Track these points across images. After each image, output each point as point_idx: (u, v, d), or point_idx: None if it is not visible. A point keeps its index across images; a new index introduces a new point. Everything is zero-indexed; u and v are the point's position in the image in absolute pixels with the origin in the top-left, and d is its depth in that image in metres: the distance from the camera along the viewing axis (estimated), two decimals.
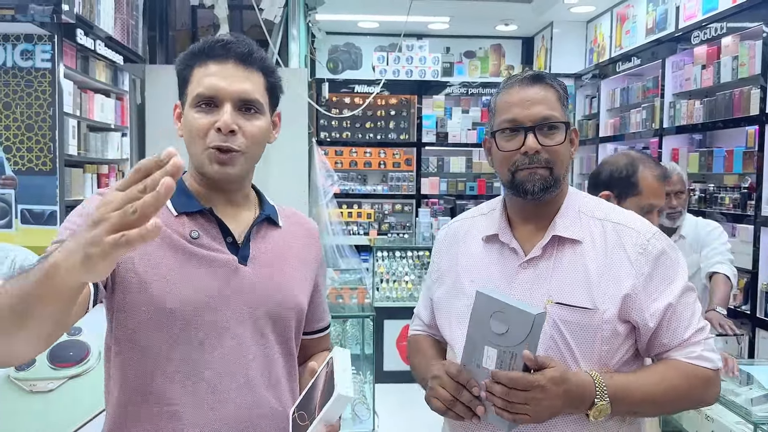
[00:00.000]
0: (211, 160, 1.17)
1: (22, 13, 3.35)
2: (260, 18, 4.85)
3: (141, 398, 1.15)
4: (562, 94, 1.31)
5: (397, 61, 7.23)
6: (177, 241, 1.17)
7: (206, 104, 1.17)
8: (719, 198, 4.43)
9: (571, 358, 1.24)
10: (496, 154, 1.32)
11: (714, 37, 4.49)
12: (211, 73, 1.17)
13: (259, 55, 1.21)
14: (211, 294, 1.17)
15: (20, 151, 3.60)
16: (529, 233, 1.33)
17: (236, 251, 1.21)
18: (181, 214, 1.20)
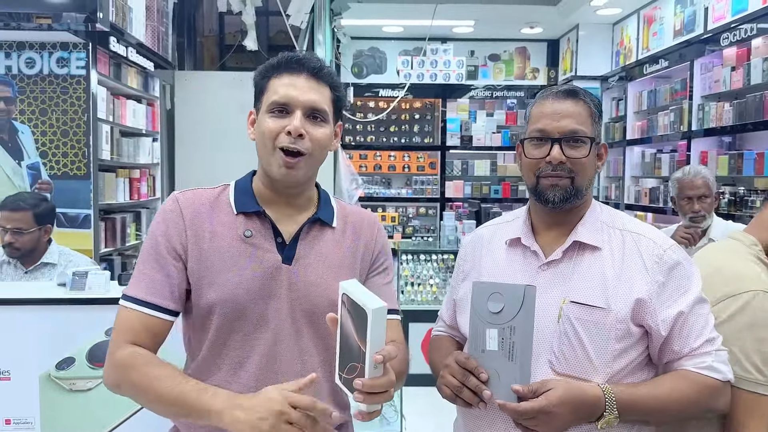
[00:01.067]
0: (279, 163, 1.29)
1: (59, 22, 3.45)
2: (287, 24, 4.91)
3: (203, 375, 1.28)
4: (594, 111, 1.38)
5: (421, 65, 7.26)
6: (231, 240, 1.30)
7: (279, 111, 1.29)
8: (749, 201, 4.37)
9: (584, 356, 1.29)
10: (524, 160, 1.41)
11: (744, 39, 4.43)
12: (285, 84, 1.30)
13: (329, 71, 1.34)
14: (253, 290, 1.28)
15: (56, 156, 3.70)
16: (551, 239, 1.40)
17: (284, 251, 1.31)
18: (239, 214, 1.32)
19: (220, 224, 1.32)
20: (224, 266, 1.28)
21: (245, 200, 1.34)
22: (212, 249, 1.29)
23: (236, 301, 1.27)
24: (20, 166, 3.70)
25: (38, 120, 3.69)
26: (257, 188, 1.36)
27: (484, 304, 1.24)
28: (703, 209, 3.01)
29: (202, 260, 1.29)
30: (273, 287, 1.29)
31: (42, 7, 3.44)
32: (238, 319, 1.28)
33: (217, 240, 1.30)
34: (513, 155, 7.58)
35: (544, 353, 1.31)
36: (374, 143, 7.56)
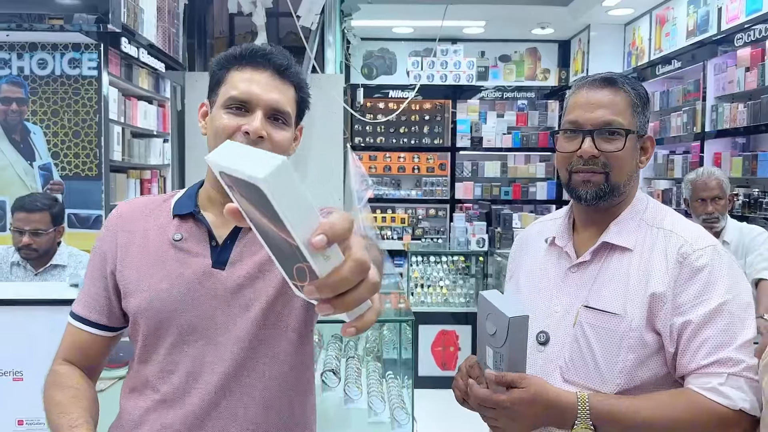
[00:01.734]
0: None
1: (71, 23, 3.46)
2: (297, 25, 4.91)
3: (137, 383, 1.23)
4: (635, 101, 1.28)
5: (431, 65, 7.24)
6: (160, 244, 1.21)
7: (237, 108, 1.18)
8: (764, 203, 4.33)
9: (593, 364, 1.22)
10: (557, 153, 1.32)
11: (758, 39, 4.39)
12: (247, 79, 1.19)
13: (295, 70, 1.24)
14: (178, 297, 1.18)
15: (67, 157, 3.71)
16: (587, 238, 1.33)
17: (216, 255, 1.21)
18: (175, 217, 1.24)
19: (154, 228, 1.23)
20: (149, 272, 1.19)
21: (184, 202, 1.25)
22: (140, 254, 1.21)
23: (159, 308, 1.17)
24: (32, 167, 3.71)
25: (50, 121, 3.70)
26: (204, 191, 1.25)
27: (484, 321, 1.20)
28: (717, 211, 2.99)
29: (129, 266, 1.21)
30: (202, 294, 1.17)
31: (54, 9, 3.45)
32: (163, 329, 1.18)
33: (146, 244, 1.21)
34: (523, 156, 7.56)
35: (556, 359, 1.27)
36: (384, 144, 7.55)
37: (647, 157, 1.32)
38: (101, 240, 1.26)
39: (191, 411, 1.17)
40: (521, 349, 1.15)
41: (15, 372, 2.16)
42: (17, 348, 2.16)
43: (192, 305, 1.18)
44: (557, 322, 1.29)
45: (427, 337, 5.18)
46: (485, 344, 1.20)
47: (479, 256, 5.50)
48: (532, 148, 7.44)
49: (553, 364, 1.26)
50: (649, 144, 1.32)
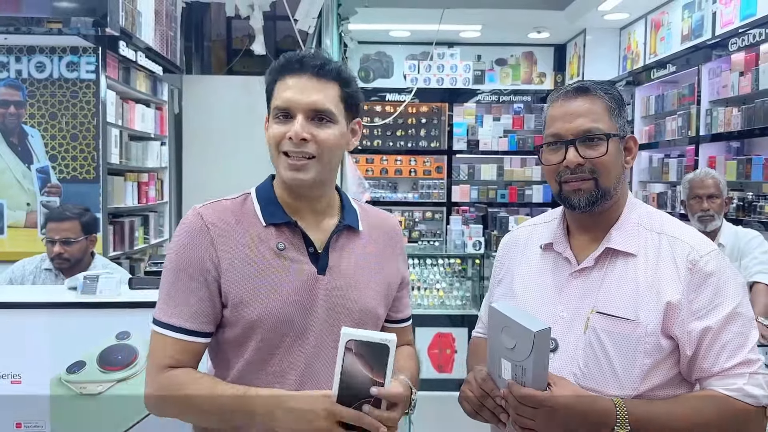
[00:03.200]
0: (285, 167, 1.25)
1: (69, 26, 3.46)
2: (294, 28, 4.92)
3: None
4: (611, 104, 1.30)
5: (428, 69, 7.26)
6: (265, 254, 1.26)
7: (283, 116, 1.26)
8: (758, 206, 4.36)
9: (610, 370, 1.23)
10: (544, 167, 1.35)
11: (752, 44, 4.42)
12: (287, 87, 1.25)
13: (334, 67, 1.28)
14: (293, 304, 1.25)
15: (65, 160, 3.72)
16: (584, 243, 1.34)
17: (317, 261, 1.28)
18: (269, 225, 1.29)
19: (251, 238, 1.27)
20: (260, 283, 1.24)
21: (273, 210, 1.30)
22: (246, 265, 1.25)
23: (279, 318, 1.24)
24: (30, 170, 3.72)
25: (48, 124, 3.71)
26: (281, 196, 1.32)
27: (498, 334, 1.18)
28: (712, 209, 3.02)
29: (237, 279, 1.24)
30: (311, 299, 1.26)
31: (52, 12, 3.45)
32: (280, 336, 1.25)
33: (250, 256, 1.25)
34: (520, 160, 7.59)
35: (569, 366, 1.26)
36: (381, 147, 7.56)
37: (632, 157, 1.34)
38: (192, 247, 1.25)
39: None
40: (545, 361, 1.15)
41: (13, 375, 2.17)
42: (16, 351, 2.17)
43: (305, 311, 1.26)
44: (565, 328, 1.28)
45: (424, 339, 5.19)
46: (500, 357, 1.18)
47: (476, 259, 5.52)
48: (528, 151, 7.46)
49: (566, 370, 1.25)
50: (632, 144, 1.34)
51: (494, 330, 1.19)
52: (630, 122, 6.50)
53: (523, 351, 1.13)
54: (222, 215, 1.28)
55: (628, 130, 1.35)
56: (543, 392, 1.15)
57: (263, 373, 1.26)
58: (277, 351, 1.25)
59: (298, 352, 1.26)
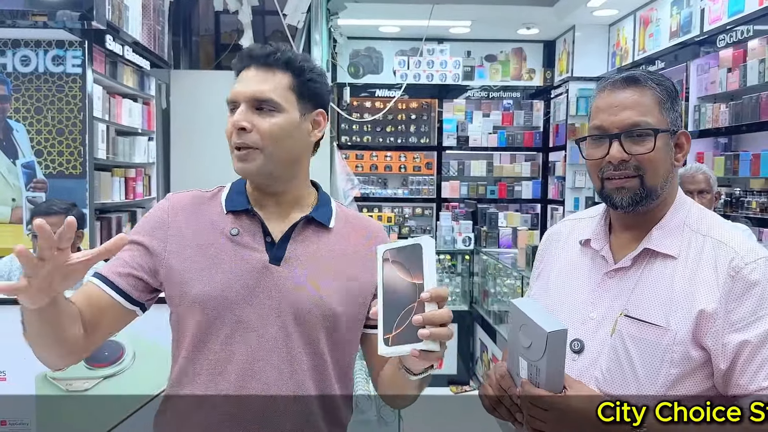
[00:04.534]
0: (235, 159, 1.25)
1: (54, 20, 3.42)
2: (284, 23, 4.89)
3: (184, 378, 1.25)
4: (662, 97, 1.20)
5: (418, 65, 7.25)
6: (216, 239, 1.26)
7: (231, 109, 1.26)
8: (745, 202, 4.39)
9: (632, 377, 1.16)
10: (586, 161, 1.25)
11: (740, 40, 4.45)
12: (238, 81, 1.27)
13: (282, 57, 1.25)
14: (237, 291, 1.22)
15: (51, 155, 3.67)
16: (625, 242, 1.26)
17: (272, 250, 1.25)
18: (229, 212, 1.28)
19: (208, 222, 1.28)
20: (207, 264, 1.23)
21: (236, 199, 1.30)
22: (196, 246, 1.25)
23: (217, 300, 1.21)
24: (15, 165, 3.67)
25: (33, 118, 3.66)
26: (249, 189, 1.32)
27: (517, 332, 1.13)
28: (702, 204, 3.03)
29: (184, 258, 1.25)
30: (257, 288, 1.23)
31: (38, 5, 3.41)
32: (218, 321, 1.22)
33: (202, 238, 1.26)
34: (509, 156, 7.60)
35: (591, 370, 1.19)
36: (370, 143, 7.55)
37: (683, 154, 1.24)
38: (149, 220, 1.29)
39: (248, 401, 1.21)
40: (560, 363, 1.10)
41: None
42: (0, 348, 2.14)
43: (249, 298, 1.23)
44: (593, 330, 1.22)
45: None
46: (518, 355, 1.14)
47: (465, 255, 5.53)
48: (517, 147, 7.47)
49: (588, 374, 1.19)
50: (684, 140, 1.24)
51: (514, 327, 1.15)
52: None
53: (538, 351, 1.09)
54: (189, 200, 1.31)
55: (680, 124, 1.24)
56: (554, 394, 1.09)
57: (203, 360, 1.22)
58: (216, 337, 1.22)
59: (240, 343, 1.21)
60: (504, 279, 4.87)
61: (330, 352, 1.27)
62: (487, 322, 5.02)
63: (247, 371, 1.21)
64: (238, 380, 1.21)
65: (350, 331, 1.30)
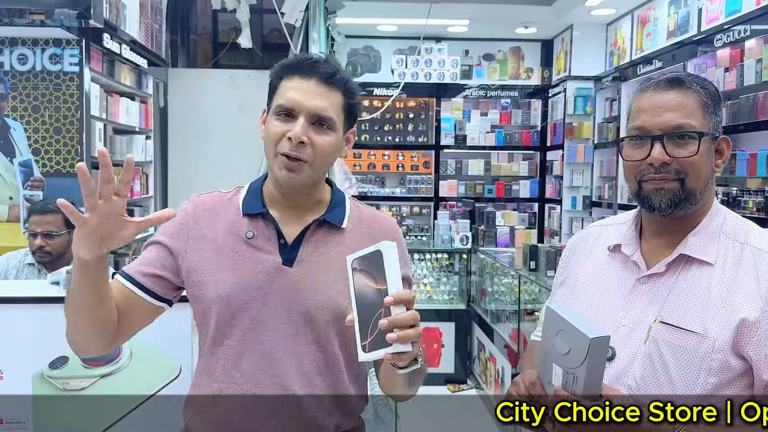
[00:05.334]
0: (281, 166, 1.27)
1: (52, 18, 3.42)
2: (281, 22, 4.89)
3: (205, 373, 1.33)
4: (706, 100, 1.18)
5: (416, 64, 7.25)
6: (233, 241, 1.31)
7: (285, 114, 1.27)
8: (742, 201, 4.40)
9: (668, 386, 1.13)
10: (624, 162, 1.22)
11: (737, 40, 4.45)
12: (294, 87, 1.27)
13: (342, 77, 1.30)
14: (252, 292, 1.28)
15: (48, 154, 3.67)
16: (658, 247, 1.23)
17: (285, 252, 1.30)
18: (245, 215, 1.33)
19: (225, 225, 1.33)
20: (223, 265, 1.29)
21: (252, 202, 1.35)
22: (213, 248, 1.31)
23: (232, 299, 1.27)
24: (12, 164, 3.67)
25: (31, 117, 3.66)
26: (267, 189, 1.36)
27: (552, 337, 1.11)
28: None
29: (202, 259, 1.31)
30: (270, 289, 1.28)
31: (35, 3, 3.41)
32: (234, 318, 1.28)
33: (220, 240, 1.31)
34: (507, 155, 7.60)
35: (624, 378, 1.16)
36: (368, 142, 7.55)
37: (723, 160, 1.21)
38: (173, 223, 1.34)
39: (262, 395, 1.27)
40: (599, 371, 1.06)
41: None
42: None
43: (264, 298, 1.28)
44: (625, 336, 1.19)
45: None
46: (551, 362, 1.11)
47: (463, 254, 5.53)
48: (515, 146, 7.48)
49: (620, 382, 1.16)
50: (724, 146, 1.21)
51: (549, 332, 1.12)
52: (615, 118, 6.53)
53: (577, 358, 1.05)
54: (210, 202, 1.36)
55: (721, 130, 1.22)
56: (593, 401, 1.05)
57: (221, 353, 1.30)
58: (232, 334, 1.29)
59: (253, 340, 1.28)
60: (501, 278, 4.88)
61: (342, 350, 1.32)
62: (484, 321, 5.03)
63: (262, 367, 1.27)
64: (252, 375, 1.27)
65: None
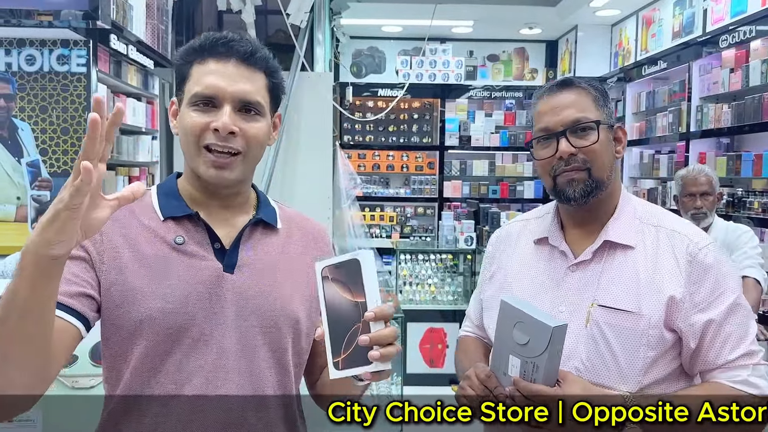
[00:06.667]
0: (208, 164, 1.12)
1: (59, 19, 3.44)
2: (287, 23, 4.90)
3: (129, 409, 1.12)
4: (597, 95, 1.31)
5: (420, 64, 7.26)
6: (160, 248, 1.12)
7: (204, 104, 1.11)
8: (748, 202, 4.39)
9: (614, 364, 1.23)
10: (536, 163, 1.34)
11: (743, 41, 4.45)
12: (210, 72, 1.11)
13: (263, 55, 1.15)
14: (193, 305, 1.11)
15: (56, 154, 3.69)
16: (580, 237, 1.33)
17: (223, 258, 1.15)
18: (167, 219, 1.15)
19: (144, 231, 1.13)
20: (152, 278, 1.09)
21: (172, 203, 1.16)
22: (136, 259, 1.10)
23: (170, 318, 1.08)
24: (20, 164, 3.69)
25: (38, 117, 3.68)
26: (185, 191, 1.18)
27: (509, 330, 1.15)
28: (705, 206, 3.04)
29: (123, 273, 1.09)
30: (214, 300, 1.11)
31: (43, 5, 3.42)
32: (173, 340, 1.09)
33: (141, 249, 1.11)
34: (511, 155, 7.61)
35: (571, 360, 1.24)
36: (373, 143, 7.56)
37: (622, 146, 1.34)
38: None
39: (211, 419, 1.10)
40: (558, 358, 1.14)
41: None
42: None
43: (208, 313, 1.11)
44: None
45: (416, 334, 5.20)
46: (508, 353, 1.16)
47: (467, 254, 5.53)
48: (519, 147, 7.48)
49: (568, 365, 1.23)
50: (621, 134, 1.34)
51: (505, 325, 1.17)
52: (620, 119, 6.53)
53: (538, 347, 1.11)
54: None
55: (614, 120, 1.36)
56: (553, 388, 1.14)
57: (154, 383, 1.09)
58: (170, 358, 1.09)
59: (197, 360, 1.10)
60: None
61: (293, 358, 1.20)
62: None
63: (207, 388, 1.10)
64: (196, 400, 1.09)
65: (308, 341, 1.23)
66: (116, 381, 1.12)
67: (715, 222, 3.11)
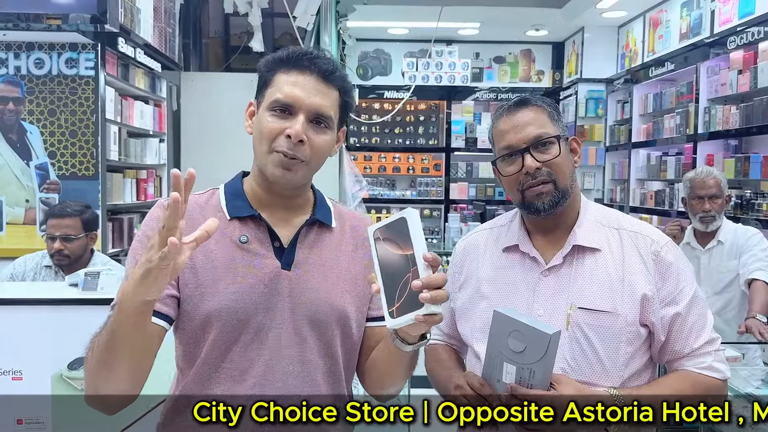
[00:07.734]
0: (275, 164, 1.20)
1: (68, 22, 3.45)
2: (293, 25, 4.91)
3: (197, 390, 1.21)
4: (551, 111, 1.40)
5: (426, 66, 7.26)
6: (226, 246, 1.22)
7: (281, 110, 1.21)
8: (756, 204, 4.37)
9: (597, 362, 1.30)
10: (503, 179, 1.41)
11: (751, 42, 4.43)
12: (292, 82, 1.21)
13: (341, 74, 1.25)
14: (253, 299, 1.20)
15: (64, 157, 3.71)
16: (547, 243, 1.40)
17: (281, 256, 1.24)
18: (233, 219, 1.25)
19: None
20: (220, 275, 1.20)
21: (238, 204, 1.26)
22: (206, 257, 1.20)
23: (235, 311, 1.19)
24: (29, 167, 3.71)
25: (47, 120, 3.70)
26: (250, 190, 1.28)
27: (503, 338, 1.20)
28: (713, 209, 3.03)
29: (195, 269, 1.20)
30: (273, 295, 1.21)
31: (51, 8, 3.44)
32: (237, 331, 1.20)
33: (211, 247, 1.20)
34: None
35: (557, 362, 1.26)
36: (379, 145, 7.57)
37: (579, 156, 1.43)
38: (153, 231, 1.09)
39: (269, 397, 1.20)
40: (552, 363, 1.19)
41: (14, 371, 2.17)
42: (17, 347, 2.17)
43: (266, 308, 1.21)
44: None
45: None
46: (503, 360, 1.21)
47: None
48: None
49: (554, 367, 1.25)
50: (575, 144, 1.43)
51: (499, 334, 1.21)
52: (627, 121, 6.51)
53: (535, 354, 1.17)
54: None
55: (568, 133, 1.44)
56: (550, 391, 1.19)
57: (220, 372, 1.20)
58: (234, 348, 1.20)
59: (257, 351, 1.20)
60: None
61: (343, 353, 1.28)
62: None
63: (266, 376, 1.20)
64: (255, 387, 1.19)
65: (359, 330, 1.30)
66: (190, 362, 1.23)
67: (723, 224, 3.09)
